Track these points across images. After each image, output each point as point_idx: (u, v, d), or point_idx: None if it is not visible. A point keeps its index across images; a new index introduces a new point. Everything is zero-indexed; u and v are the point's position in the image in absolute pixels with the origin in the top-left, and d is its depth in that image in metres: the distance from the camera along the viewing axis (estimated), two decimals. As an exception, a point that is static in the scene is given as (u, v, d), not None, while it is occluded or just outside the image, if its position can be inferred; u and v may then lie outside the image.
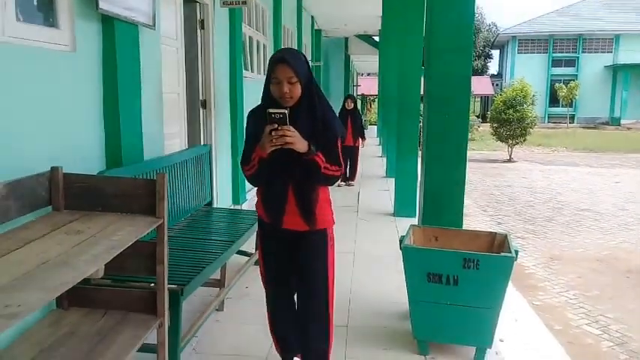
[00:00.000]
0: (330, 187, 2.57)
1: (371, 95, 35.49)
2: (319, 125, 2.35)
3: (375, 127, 21.40)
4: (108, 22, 3.24)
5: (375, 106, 33.01)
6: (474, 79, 42.58)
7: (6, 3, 2.47)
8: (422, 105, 4.20)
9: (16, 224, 2.29)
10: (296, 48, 13.20)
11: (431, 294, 2.99)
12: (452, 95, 3.38)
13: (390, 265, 4.38)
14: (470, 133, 28.68)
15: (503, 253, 2.97)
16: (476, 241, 3.30)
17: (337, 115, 9.19)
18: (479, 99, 45.77)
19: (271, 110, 2.18)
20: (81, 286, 2.65)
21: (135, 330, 2.44)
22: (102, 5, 3.05)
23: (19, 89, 2.54)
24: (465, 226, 3.68)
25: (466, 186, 11.30)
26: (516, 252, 2.92)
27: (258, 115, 2.41)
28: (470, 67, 3.38)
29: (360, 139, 9.37)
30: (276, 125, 2.17)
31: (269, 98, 2.35)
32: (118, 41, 3.30)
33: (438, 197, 3.51)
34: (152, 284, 2.67)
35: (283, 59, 2.27)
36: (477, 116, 34.99)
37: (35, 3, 2.84)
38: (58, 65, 2.87)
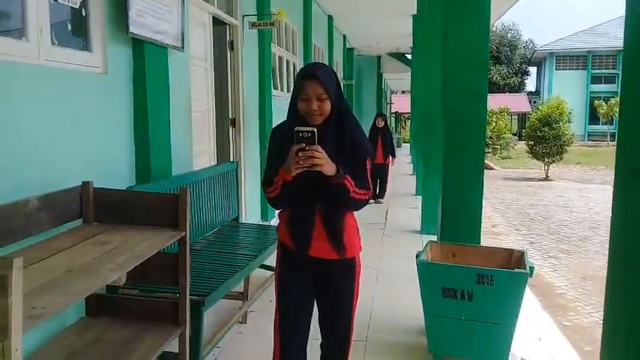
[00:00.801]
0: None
1: (405, 113, 35.44)
2: (348, 145, 2.20)
3: (409, 144, 21.37)
4: (138, 44, 3.43)
5: (408, 124, 32.98)
6: (511, 97, 42.13)
7: (42, 28, 2.67)
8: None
9: (49, 235, 2.45)
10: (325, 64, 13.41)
11: (446, 309, 3.02)
12: (468, 112, 3.43)
13: (412, 281, 4.37)
14: (506, 151, 28.44)
15: (517, 269, 2.98)
16: (493, 258, 3.31)
17: (368, 133, 9.08)
18: (516, 116, 45.15)
19: (299, 128, 2.00)
20: (109, 295, 2.83)
21: (157, 338, 2.56)
22: (132, 29, 3.25)
23: (54, 109, 2.73)
24: (496, 245, 3.71)
25: (500, 205, 11.16)
26: (531, 268, 2.94)
27: (282, 133, 2.23)
28: (485, 84, 3.43)
29: (391, 157, 9.40)
30: (304, 145, 1.98)
31: (296, 115, 2.19)
32: (148, 63, 3.49)
33: (456, 214, 3.55)
34: (176, 294, 2.79)
35: (313, 75, 2.11)
36: (514, 134, 34.50)
37: (70, 28, 3.05)
38: (90, 86, 3.06)
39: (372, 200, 8.96)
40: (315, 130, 2.00)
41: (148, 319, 2.69)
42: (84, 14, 3.09)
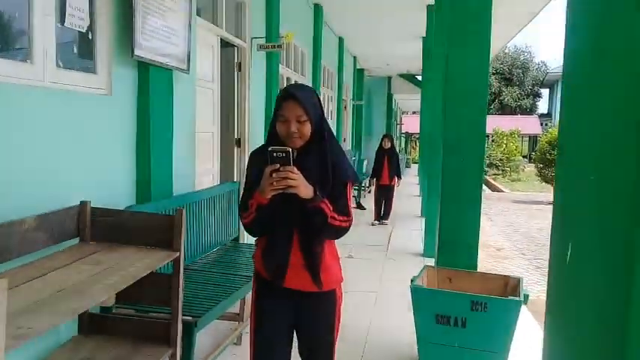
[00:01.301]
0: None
1: (415, 134, 35.48)
2: (328, 169, 2.08)
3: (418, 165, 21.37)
4: (143, 67, 3.51)
5: (418, 144, 33.03)
6: (522, 119, 42.06)
7: (47, 51, 2.75)
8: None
9: (45, 254, 2.49)
10: (336, 87, 13.54)
11: (439, 335, 3.01)
12: (467, 139, 3.46)
13: (410, 306, 4.39)
14: (516, 174, 28.31)
15: (511, 297, 2.98)
16: (489, 284, 3.31)
17: (374, 154, 9.08)
18: (527, 139, 45.01)
19: (273, 148, 1.91)
20: (102, 314, 2.86)
21: (147, 358, 2.58)
22: (137, 52, 3.32)
23: (57, 130, 2.79)
24: (501, 270, 3.71)
25: (508, 228, 11.08)
26: (526, 296, 2.93)
27: (260, 157, 2.12)
28: (485, 112, 3.46)
29: (396, 179, 9.35)
30: (278, 166, 1.90)
31: (274, 138, 2.10)
32: (152, 85, 3.56)
33: (453, 239, 3.56)
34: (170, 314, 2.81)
35: (292, 95, 2.03)
36: (524, 156, 34.38)
37: (75, 51, 3.13)
38: (94, 108, 3.13)
39: (376, 222, 9.00)
40: (290, 150, 1.91)
41: (139, 339, 2.71)
42: (90, 37, 3.17)
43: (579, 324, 0.60)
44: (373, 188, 9.73)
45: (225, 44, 5.61)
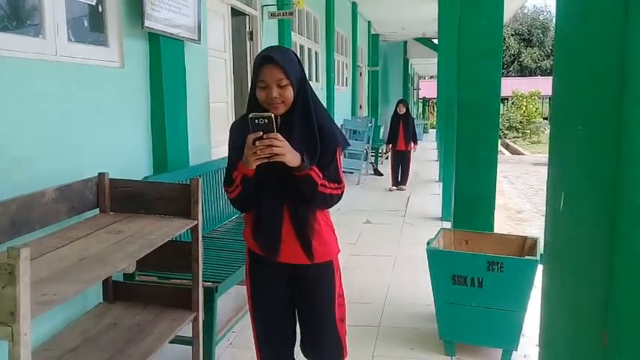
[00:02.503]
0: (340, 205, 2.13)
1: (433, 99, 35.09)
2: (315, 135, 1.95)
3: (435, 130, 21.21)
4: (154, 38, 3.51)
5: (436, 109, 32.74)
6: (542, 80, 41.21)
7: (58, 25, 2.77)
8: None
9: (66, 224, 2.56)
10: (350, 53, 13.39)
11: (456, 296, 3.04)
12: (481, 100, 3.42)
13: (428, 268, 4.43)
14: (536, 136, 27.93)
15: (527, 257, 2.99)
16: (506, 245, 3.32)
17: (390, 120, 8.89)
18: (547, 100, 44.21)
19: (255, 115, 1.76)
20: (125, 281, 2.94)
21: (170, 323, 2.67)
22: (147, 24, 3.33)
23: (73, 103, 2.83)
24: (522, 232, 3.72)
25: (528, 190, 11.00)
26: (542, 256, 2.93)
27: (241, 127, 1.95)
28: (499, 73, 3.42)
29: (413, 144, 9.26)
30: (261, 134, 1.76)
31: (255, 105, 1.94)
32: (164, 56, 3.57)
33: (469, 202, 3.55)
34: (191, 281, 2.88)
35: (270, 58, 1.87)
36: (545, 118, 33.85)
37: (86, 24, 3.15)
38: (108, 80, 3.16)
39: (394, 187, 8.98)
40: (273, 115, 1.76)
41: (162, 305, 2.79)
42: (100, 10, 3.17)
43: (571, 263, 0.62)
44: (390, 154, 9.58)
45: (235, 13, 5.58)
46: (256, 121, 1.75)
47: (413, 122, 9.42)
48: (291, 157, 1.83)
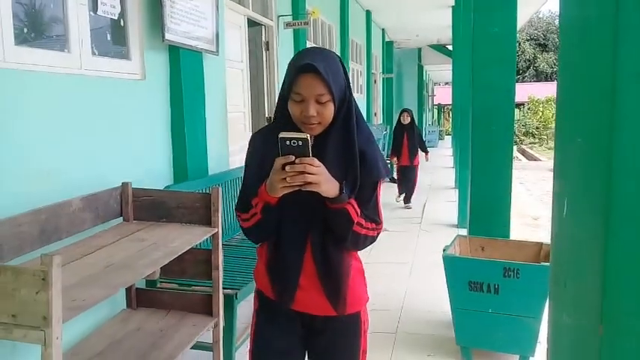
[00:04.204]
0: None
1: (447, 105, 35.02)
2: (355, 162, 1.60)
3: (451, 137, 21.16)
4: (174, 51, 3.61)
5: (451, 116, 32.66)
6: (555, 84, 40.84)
7: (82, 39, 2.86)
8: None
9: (91, 233, 2.65)
10: (365, 61, 13.46)
11: (472, 302, 3.07)
12: (495, 107, 3.45)
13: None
14: (553, 142, 27.71)
15: (544, 263, 3.01)
16: (522, 251, 3.33)
17: (393, 130, 8.39)
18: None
19: (285, 135, 1.43)
20: (147, 288, 3.01)
21: (192, 329, 2.73)
22: (167, 37, 3.42)
23: (96, 115, 2.92)
24: (538, 238, 3.74)
25: (545, 196, 10.88)
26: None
27: (266, 141, 1.64)
28: (513, 80, 3.45)
29: (424, 154, 8.49)
30: (293, 157, 1.43)
31: (286, 120, 1.60)
32: (184, 68, 3.66)
33: (485, 208, 3.58)
34: (211, 288, 2.95)
35: (312, 67, 1.50)
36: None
37: (109, 38, 3.25)
38: (130, 92, 3.25)
39: (400, 199, 8.27)
40: (308, 137, 1.44)
41: (184, 311, 2.86)
42: (122, 24, 3.27)
43: (573, 264, 0.67)
44: (395, 168, 8.60)
45: (252, 24, 5.68)
46: (287, 142, 1.43)
47: (419, 133, 8.68)
48: (328, 186, 1.50)
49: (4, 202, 2.28)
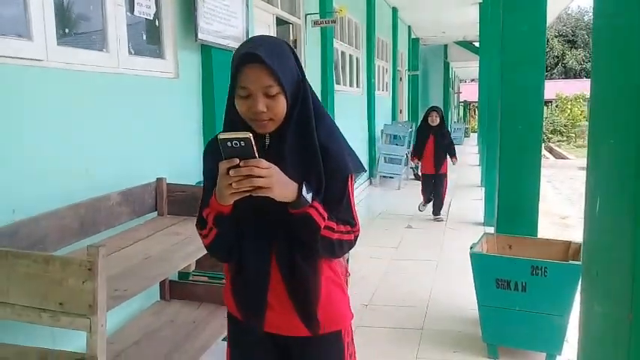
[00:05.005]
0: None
1: (474, 102, 34.70)
2: (317, 158, 1.41)
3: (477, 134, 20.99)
4: (205, 50, 3.69)
5: (477, 113, 32.36)
6: (588, 82, 40.15)
7: (120, 40, 2.96)
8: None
9: (127, 227, 2.74)
10: (391, 58, 13.45)
11: (499, 299, 3.08)
12: (524, 106, 3.45)
13: (471, 273, 4.46)
14: (581, 140, 27.27)
15: (572, 261, 3.01)
16: (550, 250, 3.33)
17: (417, 129, 7.71)
18: (593, 102, 42.98)
19: (225, 136, 1.24)
20: (180, 281, 3.10)
21: (223, 321, 2.76)
22: (200, 36, 3.50)
23: (132, 113, 3.02)
24: (566, 237, 3.73)
25: (573, 195, 10.72)
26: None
27: (217, 149, 1.31)
28: (542, 78, 3.44)
29: (452, 159, 7.08)
30: (238, 160, 1.25)
31: (234, 120, 1.42)
32: (215, 66, 3.74)
33: (513, 206, 3.58)
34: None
35: (254, 56, 1.31)
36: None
37: (144, 38, 3.34)
38: (163, 90, 3.34)
39: (424, 206, 7.13)
40: (250, 136, 1.23)
41: (215, 304, 2.94)
42: (157, 24, 3.37)
43: (606, 257, 0.71)
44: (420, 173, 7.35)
45: (280, 22, 5.74)
46: (229, 144, 1.23)
47: (449, 137, 7.12)
48: (281, 190, 1.31)
49: (47, 196, 2.37)
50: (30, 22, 2.37)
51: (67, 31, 2.74)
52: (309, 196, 1.35)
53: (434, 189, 6.93)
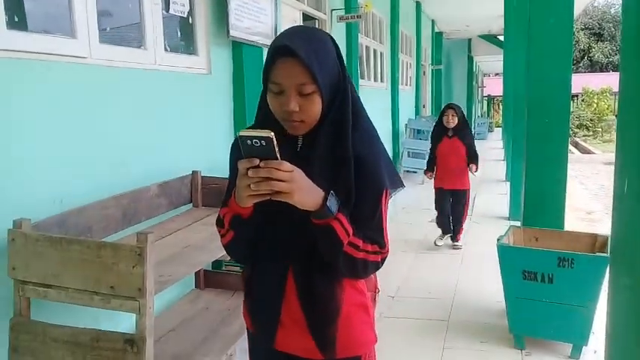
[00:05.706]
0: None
1: (498, 96, 34.34)
2: (348, 169, 1.28)
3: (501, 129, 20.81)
4: (237, 46, 3.79)
5: (501, 107, 32.01)
6: (614, 76, 39.44)
7: (157, 37, 3.07)
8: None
9: (165, 217, 2.86)
10: (414, 52, 13.43)
11: (526, 291, 3.13)
12: (551, 99, 3.47)
13: (497, 265, 4.48)
14: (608, 134, 26.83)
15: (598, 253, 3.03)
16: (577, 243, 3.36)
17: (430, 134, 7.24)
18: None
19: (245, 133, 1.13)
20: (214, 270, 3.21)
21: (256, 308, 2.91)
22: (232, 33, 3.60)
23: (167, 107, 3.13)
24: (592, 232, 3.75)
25: (599, 190, 10.61)
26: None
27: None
28: (569, 71, 3.46)
29: (470, 168, 5.36)
30: (258, 161, 1.14)
31: (266, 117, 1.33)
32: (245, 62, 3.84)
33: (539, 199, 3.61)
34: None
35: (288, 49, 1.20)
36: (616, 115, 32.39)
37: (179, 35, 3.45)
38: (197, 86, 3.45)
39: (440, 240, 5.56)
40: (272, 135, 1.10)
41: (248, 292, 3.04)
42: (190, 22, 3.47)
43: (633, 232, 0.77)
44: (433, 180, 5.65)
45: (306, 18, 5.81)
46: (249, 141, 1.13)
47: (470, 138, 5.43)
48: (302, 197, 1.18)
49: (91, 188, 2.49)
50: (74, 21, 2.49)
51: (107, 29, 2.86)
52: (334, 207, 1.22)
53: (452, 210, 5.50)
